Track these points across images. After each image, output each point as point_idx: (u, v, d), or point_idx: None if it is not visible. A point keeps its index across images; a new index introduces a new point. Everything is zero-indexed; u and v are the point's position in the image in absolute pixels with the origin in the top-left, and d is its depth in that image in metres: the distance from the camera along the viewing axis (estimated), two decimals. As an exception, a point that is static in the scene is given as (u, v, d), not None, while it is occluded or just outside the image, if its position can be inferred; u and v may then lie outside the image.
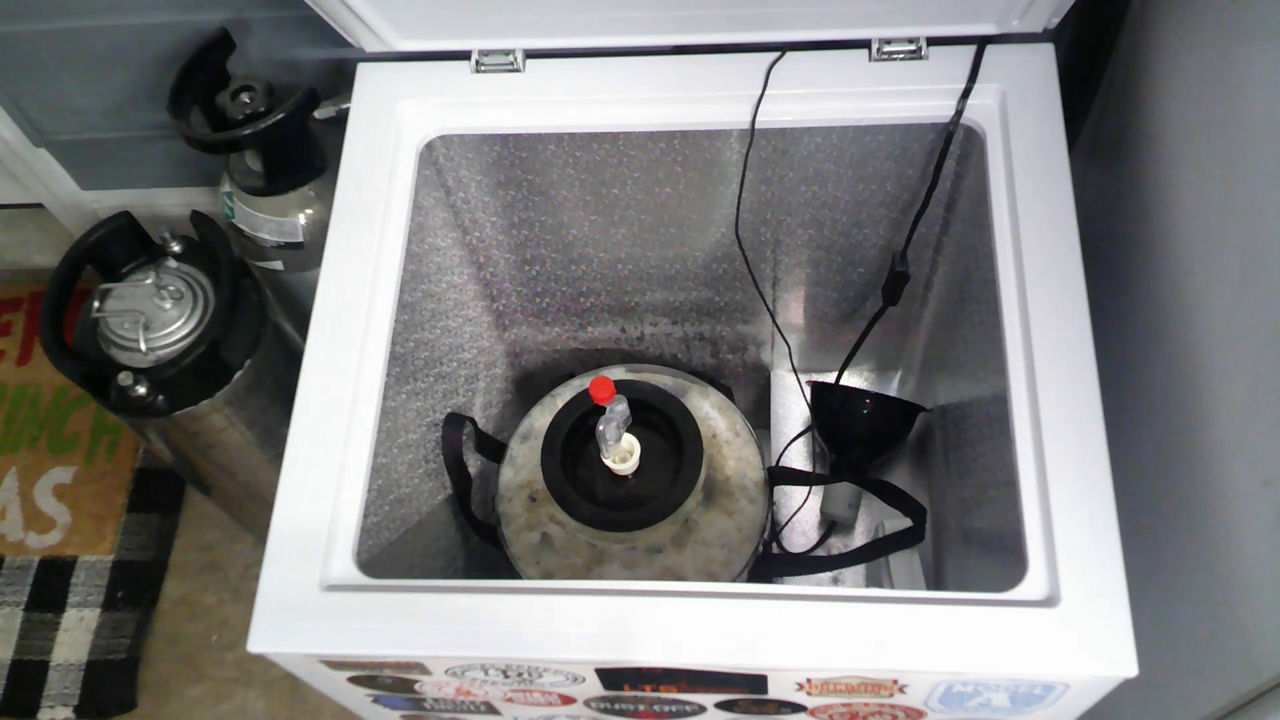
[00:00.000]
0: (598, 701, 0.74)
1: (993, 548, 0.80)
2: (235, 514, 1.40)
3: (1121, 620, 0.62)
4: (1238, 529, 0.65)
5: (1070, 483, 0.66)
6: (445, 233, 0.95)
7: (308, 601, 0.67)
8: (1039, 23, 0.81)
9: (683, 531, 0.95)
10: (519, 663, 0.67)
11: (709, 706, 0.74)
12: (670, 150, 0.89)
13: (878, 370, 1.27)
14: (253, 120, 1.02)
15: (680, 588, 0.67)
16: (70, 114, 1.22)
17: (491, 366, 1.14)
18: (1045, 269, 0.73)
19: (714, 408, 1.03)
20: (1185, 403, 0.73)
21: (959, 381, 0.95)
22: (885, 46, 0.83)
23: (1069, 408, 0.68)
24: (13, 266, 1.55)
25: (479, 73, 0.87)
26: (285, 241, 1.13)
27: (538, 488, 0.97)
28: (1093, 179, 0.92)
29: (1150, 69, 0.82)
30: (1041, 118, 0.80)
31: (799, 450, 1.24)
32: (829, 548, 1.20)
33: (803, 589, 0.79)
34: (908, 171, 0.90)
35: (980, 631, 0.62)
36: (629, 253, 1.03)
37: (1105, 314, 0.75)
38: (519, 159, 0.90)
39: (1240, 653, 0.64)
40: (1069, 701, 0.66)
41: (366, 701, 0.77)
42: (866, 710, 0.71)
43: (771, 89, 0.83)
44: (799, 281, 1.08)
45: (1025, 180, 0.77)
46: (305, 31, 1.02)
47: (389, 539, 0.82)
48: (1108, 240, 0.86)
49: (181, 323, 1.14)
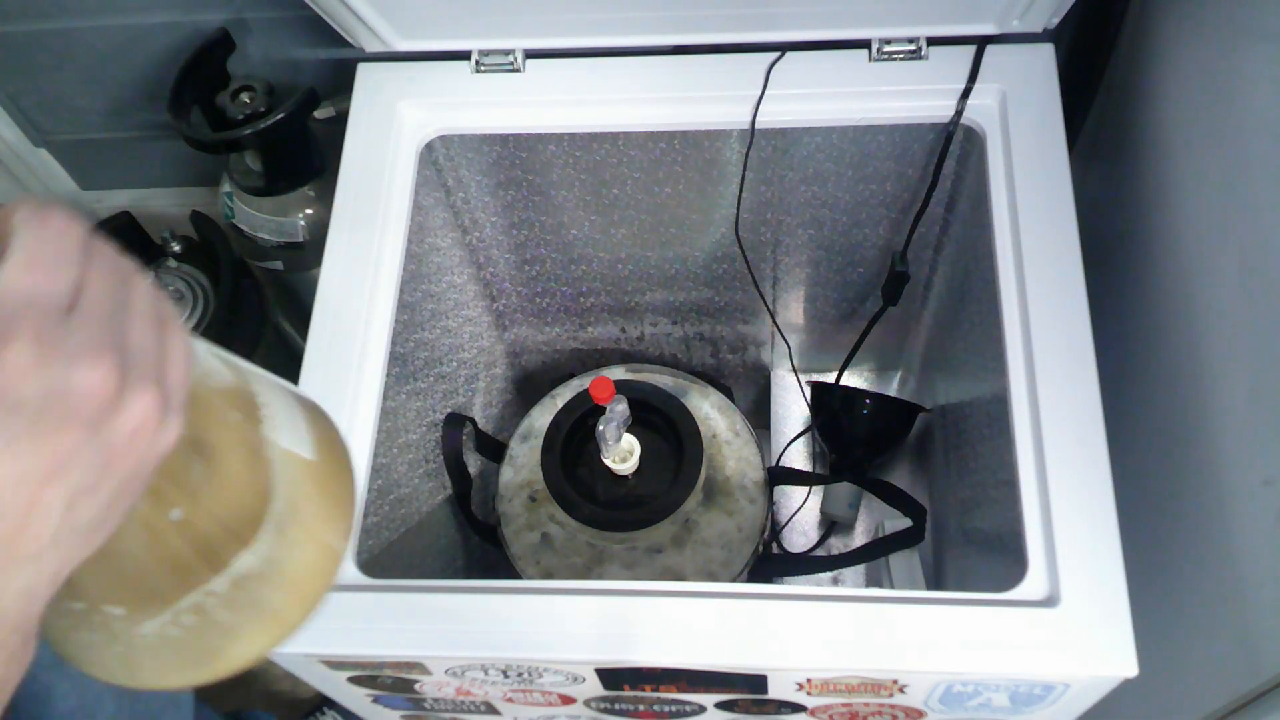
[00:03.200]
0: (598, 701, 0.74)
1: (993, 548, 0.80)
2: (235, 514, 1.40)
3: (1121, 620, 0.62)
4: (1238, 529, 0.65)
5: (1070, 483, 0.66)
6: (445, 233, 0.95)
7: (308, 601, 0.67)
8: (1039, 23, 0.81)
9: (683, 531, 0.95)
10: (519, 663, 0.67)
11: (709, 706, 0.74)
12: (670, 150, 0.89)
13: (878, 370, 1.27)
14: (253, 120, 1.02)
15: (680, 588, 0.67)
16: (70, 114, 1.22)
17: (491, 366, 1.14)
18: (1045, 269, 0.73)
19: (714, 408, 1.03)
20: (1185, 402, 0.73)
21: (959, 381, 0.95)
22: (885, 46, 0.83)
23: (1069, 408, 0.68)
24: (13, 266, 1.55)
25: (479, 73, 0.87)
26: (285, 241, 1.14)
27: (538, 488, 0.97)
28: (1093, 179, 0.92)
29: (1150, 69, 0.82)
30: (1041, 118, 0.80)
31: (799, 450, 1.24)
32: (829, 548, 1.20)
33: (803, 589, 0.79)
34: (908, 171, 0.90)
35: (980, 631, 0.63)
36: (629, 253, 1.03)
37: (1105, 314, 0.75)
38: (519, 159, 0.91)
39: (1240, 653, 0.64)
40: (1069, 701, 0.66)
41: (366, 701, 0.77)
42: (866, 710, 0.71)
43: (771, 89, 0.83)
44: (799, 281, 1.08)
45: (1025, 180, 0.77)
46: (305, 31, 1.02)
47: (389, 539, 0.82)
48: (1108, 240, 0.86)
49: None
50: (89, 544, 0.35)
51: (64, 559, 0.34)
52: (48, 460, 0.31)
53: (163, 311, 0.35)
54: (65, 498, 0.32)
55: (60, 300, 0.32)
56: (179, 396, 0.35)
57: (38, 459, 0.31)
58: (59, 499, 0.32)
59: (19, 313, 0.31)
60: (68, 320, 0.32)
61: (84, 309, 0.32)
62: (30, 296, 0.31)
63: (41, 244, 0.32)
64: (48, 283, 0.31)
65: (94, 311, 0.32)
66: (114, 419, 0.32)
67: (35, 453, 0.31)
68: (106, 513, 0.34)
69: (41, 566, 0.33)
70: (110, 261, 0.34)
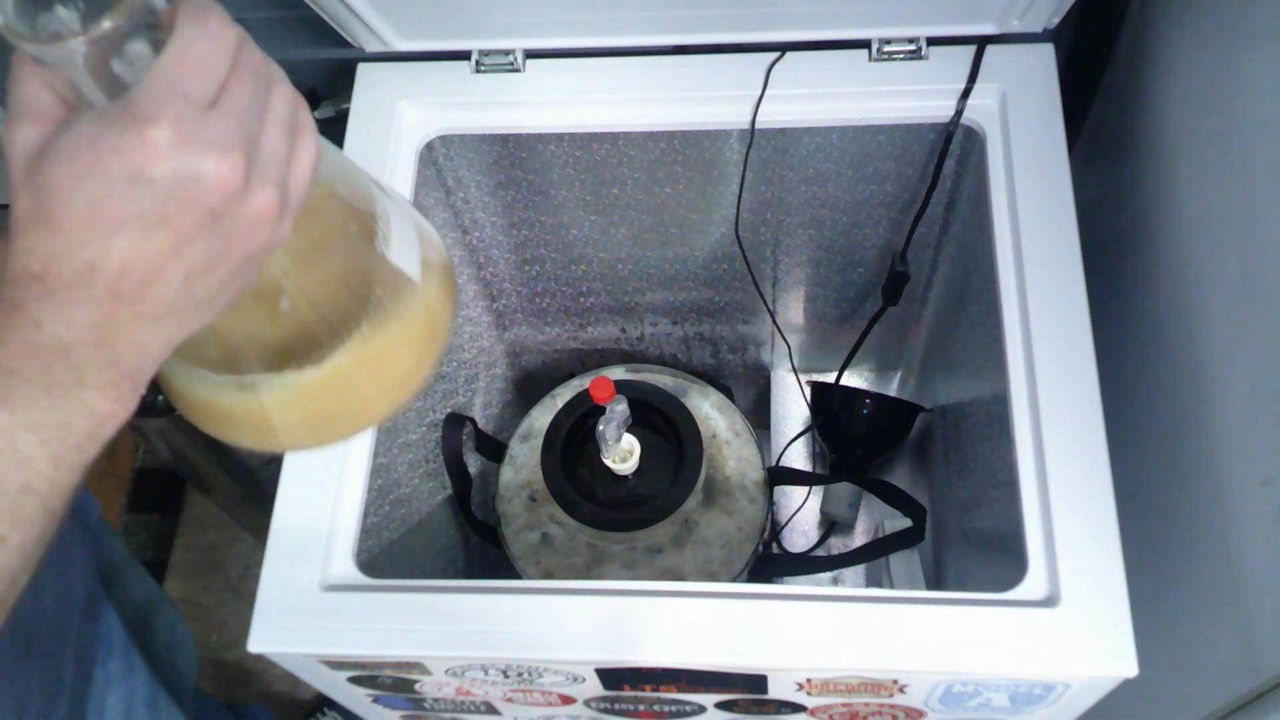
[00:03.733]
0: (598, 701, 0.74)
1: (993, 548, 0.80)
2: (235, 514, 1.40)
3: (1121, 620, 0.62)
4: (1238, 529, 0.65)
5: (1070, 483, 0.66)
6: (445, 232, 0.95)
7: (308, 601, 0.67)
8: (1039, 23, 0.81)
9: (683, 531, 0.95)
10: (519, 663, 0.67)
11: (709, 706, 0.74)
12: (670, 150, 0.89)
13: (878, 370, 1.27)
14: (253, 120, 1.02)
15: (680, 588, 0.67)
16: (70, 114, 1.22)
17: (491, 366, 1.14)
18: (1045, 269, 0.73)
19: (714, 408, 1.03)
20: (1185, 402, 0.73)
21: (959, 381, 0.95)
22: (885, 46, 0.83)
23: (1069, 408, 0.68)
24: (13, 266, 1.55)
25: (479, 73, 0.87)
26: (285, 241, 1.13)
27: (538, 488, 0.97)
28: (1093, 179, 0.92)
29: (1150, 69, 0.82)
30: (1041, 118, 0.80)
31: (799, 450, 1.24)
32: (829, 548, 1.20)
33: (803, 589, 0.79)
34: (908, 171, 0.90)
35: (980, 631, 0.63)
36: (629, 253, 1.03)
37: (1105, 314, 0.75)
38: (519, 159, 0.90)
39: (1240, 653, 0.64)
40: (1069, 701, 0.66)
41: (366, 701, 0.77)
42: (866, 710, 0.71)
43: (771, 89, 0.83)
44: (799, 281, 1.08)
45: (1025, 180, 0.77)
46: (305, 31, 1.02)
47: (389, 539, 0.82)
48: (1108, 240, 0.86)
49: (181, 323, 1.14)
50: (201, 317, 0.39)
51: (177, 326, 0.38)
52: (171, 236, 0.36)
53: (298, 120, 0.39)
54: (183, 272, 0.37)
55: (205, 95, 0.35)
56: (296, 199, 0.39)
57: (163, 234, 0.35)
58: (178, 272, 0.36)
59: (166, 99, 0.34)
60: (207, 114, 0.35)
61: (224, 106, 0.36)
62: (178, 86, 0.34)
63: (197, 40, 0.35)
64: (196, 77, 0.35)
65: (233, 110, 0.36)
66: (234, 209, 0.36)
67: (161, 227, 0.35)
68: (219, 291, 0.38)
69: (157, 329, 0.38)
70: (257, 66, 0.37)
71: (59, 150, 0.34)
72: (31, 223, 0.35)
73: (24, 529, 0.37)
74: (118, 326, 0.37)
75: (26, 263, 0.35)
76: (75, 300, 0.36)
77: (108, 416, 0.38)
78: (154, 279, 0.36)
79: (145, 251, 0.35)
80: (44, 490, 0.37)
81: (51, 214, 0.35)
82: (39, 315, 0.36)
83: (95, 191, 0.34)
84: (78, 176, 0.34)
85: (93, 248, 0.35)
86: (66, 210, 0.34)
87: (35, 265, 0.35)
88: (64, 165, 0.34)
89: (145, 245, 0.35)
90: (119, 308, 0.36)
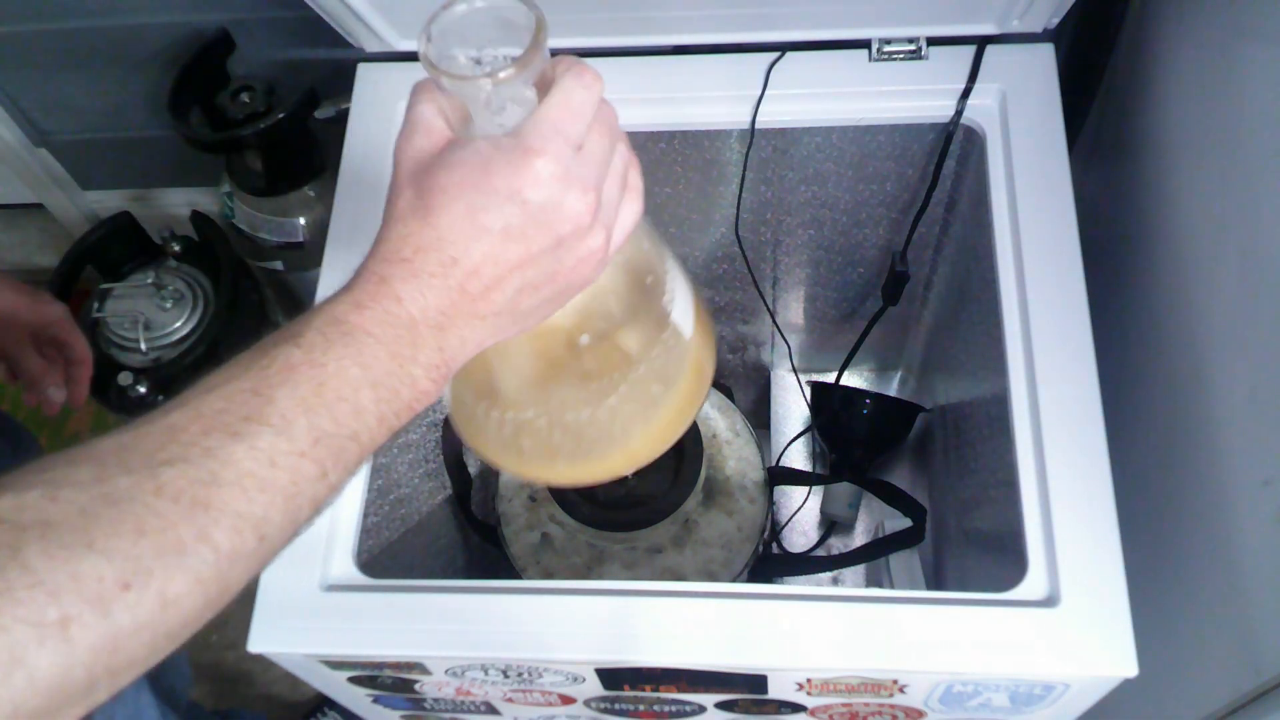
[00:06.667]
0: (598, 701, 0.74)
1: (993, 548, 0.80)
2: (235, 514, 1.40)
3: (1121, 620, 0.62)
4: (1238, 529, 0.65)
5: (1070, 483, 0.66)
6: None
7: (308, 601, 0.67)
8: (1039, 23, 0.81)
9: (683, 531, 0.95)
10: (519, 663, 0.67)
11: (709, 706, 0.74)
12: (670, 150, 0.89)
13: (878, 370, 1.27)
14: (253, 120, 1.02)
15: (680, 588, 0.67)
16: (70, 114, 1.22)
17: (491, 366, 1.14)
18: (1045, 269, 0.73)
19: (714, 408, 1.03)
20: (1185, 402, 0.73)
21: (959, 381, 0.95)
22: (885, 46, 0.83)
23: (1069, 408, 0.68)
24: (13, 266, 1.55)
25: (479, 73, 0.87)
26: (285, 241, 1.14)
27: (538, 488, 0.97)
28: (1093, 179, 0.92)
29: (1150, 69, 0.82)
30: (1041, 118, 0.80)
31: (799, 450, 1.24)
32: (829, 548, 1.20)
33: (803, 589, 0.79)
34: (908, 171, 0.90)
35: (980, 631, 0.62)
36: (629, 253, 1.03)
37: (1105, 314, 0.75)
38: (519, 159, 0.90)
39: (1240, 653, 0.64)
40: (1069, 701, 0.66)
41: (366, 701, 0.77)
42: (866, 710, 0.71)
43: (771, 89, 0.83)
44: (799, 281, 1.08)
45: (1025, 180, 0.77)
46: (305, 31, 1.02)
47: (389, 539, 0.82)
48: (1108, 240, 0.86)
49: (181, 323, 1.14)
50: (515, 328, 0.44)
51: (495, 330, 0.43)
52: (521, 251, 0.41)
53: (631, 178, 0.46)
54: (519, 284, 0.42)
55: (577, 139, 0.41)
56: (616, 246, 0.45)
57: (516, 247, 0.41)
58: (515, 283, 0.42)
59: (550, 137, 0.40)
60: (578, 155, 0.41)
61: (588, 152, 0.42)
62: (560, 128, 0.41)
63: (575, 91, 0.42)
64: (573, 123, 0.41)
65: (594, 156, 0.42)
66: (574, 242, 0.42)
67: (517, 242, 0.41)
68: (535, 310, 0.44)
69: (482, 327, 0.42)
70: (610, 121, 0.44)
71: (452, 162, 0.41)
72: (411, 214, 0.41)
73: (341, 470, 0.40)
74: (456, 316, 0.41)
75: (399, 247, 0.41)
76: (433, 287, 0.41)
77: (423, 395, 0.42)
78: (496, 284, 0.41)
79: (499, 259, 0.41)
80: (365, 442, 0.40)
81: (431, 210, 0.41)
82: (402, 292, 0.41)
83: (475, 201, 0.40)
84: (463, 185, 0.40)
85: (459, 245, 0.40)
86: (446, 210, 0.40)
87: (406, 250, 0.41)
88: (454, 174, 0.40)
89: (500, 253, 0.41)
90: (462, 301, 0.41)
